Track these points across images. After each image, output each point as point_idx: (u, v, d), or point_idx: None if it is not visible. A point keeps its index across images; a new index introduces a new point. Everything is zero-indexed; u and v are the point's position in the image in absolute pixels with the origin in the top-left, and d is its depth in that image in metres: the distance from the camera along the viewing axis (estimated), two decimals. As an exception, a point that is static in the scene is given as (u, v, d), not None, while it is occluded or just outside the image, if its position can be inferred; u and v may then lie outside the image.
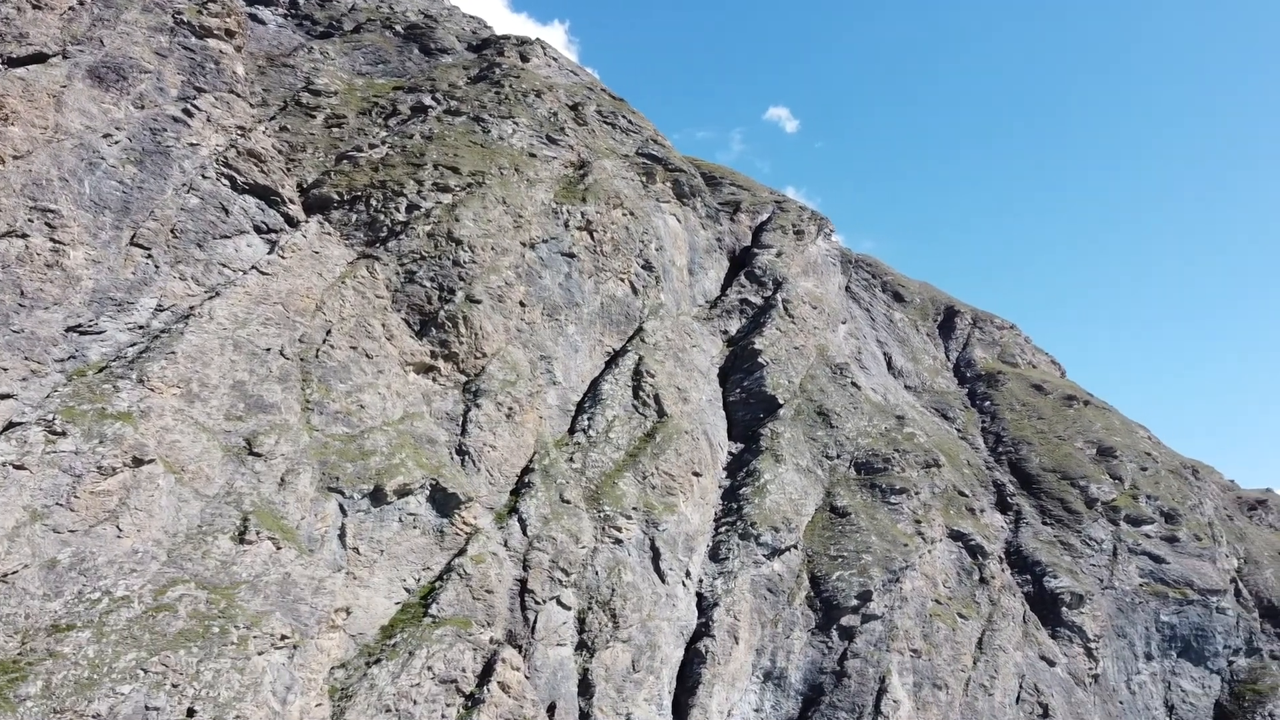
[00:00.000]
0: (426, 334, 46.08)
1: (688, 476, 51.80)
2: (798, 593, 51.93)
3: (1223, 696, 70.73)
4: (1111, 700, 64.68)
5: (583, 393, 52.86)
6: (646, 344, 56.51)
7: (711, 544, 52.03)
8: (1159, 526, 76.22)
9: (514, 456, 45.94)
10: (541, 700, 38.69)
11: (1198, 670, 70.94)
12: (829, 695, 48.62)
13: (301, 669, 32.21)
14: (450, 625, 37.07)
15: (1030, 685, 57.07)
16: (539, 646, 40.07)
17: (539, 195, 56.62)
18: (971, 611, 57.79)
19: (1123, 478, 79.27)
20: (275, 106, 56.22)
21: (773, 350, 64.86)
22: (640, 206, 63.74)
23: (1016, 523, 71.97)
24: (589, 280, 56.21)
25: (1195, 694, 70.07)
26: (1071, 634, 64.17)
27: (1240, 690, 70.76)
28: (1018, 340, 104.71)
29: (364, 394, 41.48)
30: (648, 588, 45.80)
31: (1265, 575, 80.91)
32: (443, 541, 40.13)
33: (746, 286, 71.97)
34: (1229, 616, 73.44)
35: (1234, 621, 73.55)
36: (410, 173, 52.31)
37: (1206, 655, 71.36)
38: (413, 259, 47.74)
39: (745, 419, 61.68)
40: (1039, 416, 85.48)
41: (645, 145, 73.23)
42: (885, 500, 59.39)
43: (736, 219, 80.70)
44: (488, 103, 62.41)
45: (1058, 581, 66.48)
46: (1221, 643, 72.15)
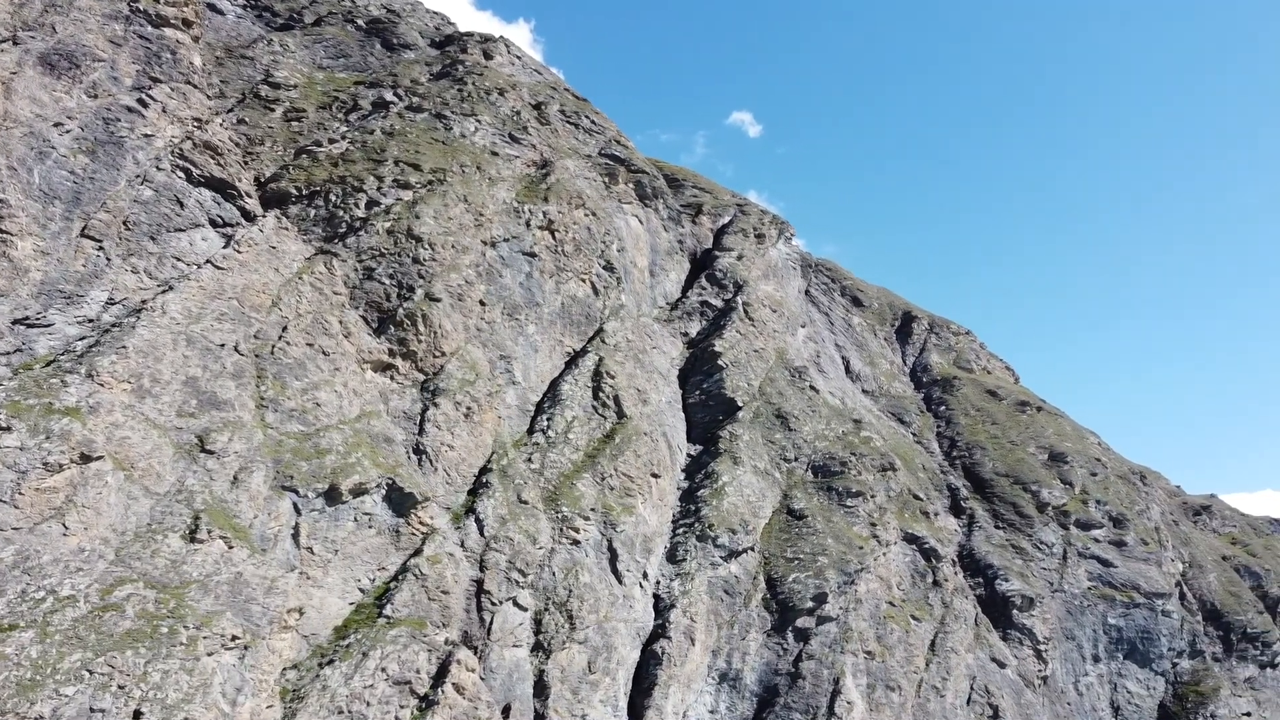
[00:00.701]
0: (385, 332, 45.64)
1: (646, 478, 51.84)
2: (754, 594, 52.18)
3: (1167, 698, 72.22)
4: (1060, 701, 65.78)
5: (542, 393, 52.69)
6: (607, 345, 56.47)
7: (669, 545, 52.12)
8: (1107, 531, 77.67)
9: (472, 456, 45.66)
10: (496, 702, 38.47)
11: (1143, 672, 72.37)
12: (784, 696, 48.90)
13: (252, 670, 31.72)
14: (405, 626, 36.74)
15: (981, 686, 57.86)
16: (495, 648, 39.85)
17: (500, 194, 56.35)
18: (925, 614, 58.46)
19: (1073, 483, 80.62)
20: (233, 98, 55.38)
21: (732, 353, 65.13)
22: (602, 207, 63.70)
23: (970, 526, 72.92)
24: (550, 280, 56.05)
25: (1140, 695, 71.48)
26: (1022, 636, 65.16)
27: (1184, 692, 72.30)
28: (973, 346, 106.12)
29: (320, 391, 40.98)
30: (605, 589, 45.75)
31: (1209, 579, 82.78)
32: (398, 541, 39.77)
33: (707, 289, 72.20)
34: (1173, 619, 75.02)
35: (1178, 624, 75.15)
36: (370, 169, 51.79)
37: (1152, 657, 72.82)
38: (372, 256, 47.27)
39: (704, 421, 61.87)
40: (992, 422, 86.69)
41: (608, 146, 73.19)
42: (841, 503, 59.89)
43: (698, 221, 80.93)
44: (450, 100, 61.98)
45: (1009, 584, 67.46)
46: (1166, 645, 73.68)
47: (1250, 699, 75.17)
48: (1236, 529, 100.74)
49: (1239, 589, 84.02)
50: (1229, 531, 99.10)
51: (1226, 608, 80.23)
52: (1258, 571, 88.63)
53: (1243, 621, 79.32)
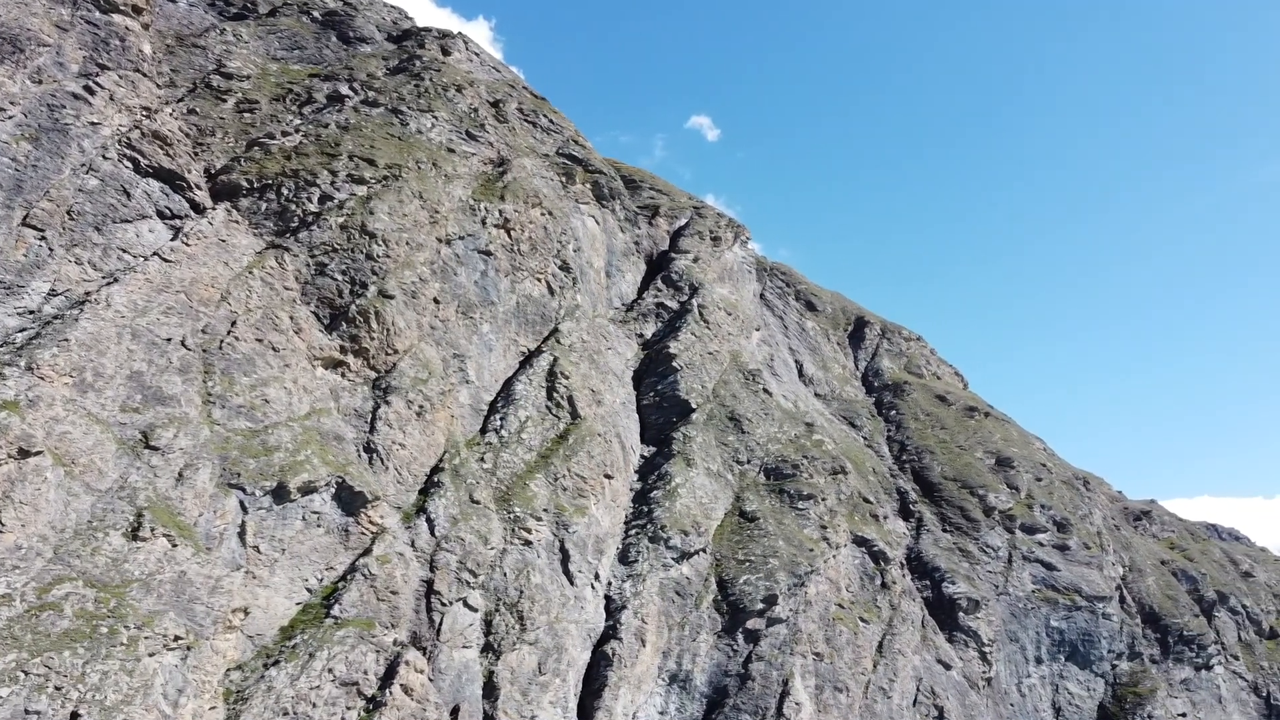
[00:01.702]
0: (336, 328, 45.06)
1: (599, 479, 51.78)
2: (705, 596, 52.36)
3: (1106, 699, 73.82)
4: (1003, 702, 66.90)
5: (496, 392, 52.39)
6: (562, 345, 56.32)
7: (621, 546, 52.10)
8: (1052, 535, 79.17)
9: (423, 455, 45.25)
10: (445, 703, 38.16)
11: (1084, 673, 73.88)
12: (733, 697, 49.12)
13: (195, 671, 31.13)
14: (353, 626, 36.30)
15: (927, 688, 58.65)
16: (444, 648, 39.52)
17: (456, 191, 55.94)
18: (873, 616, 59.10)
19: (1019, 487, 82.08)
20: (184, 88, 54.32)
21: (687, 355, 65.31)
22: (559, 207, 63.52)
23: (918, 529, 73.89)
24: (505, 279, 55.77)
25: (1081, 696, 72.96)
26: (967, 638, 66.16)
27: (1122, 693, 73.95)
28: (924, 351, 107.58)
29: (269, 388, 40.33)
30: (556, 590, 45.61)
31: (1148, 583, 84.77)
32: (347, 541, 39.27)
33: (663, 291, 72.34)
34: (1114, 622, 76.70)
35: (1118, 627, 76.85)
36: (324, 162, 51.11)
37: (1092, 659, 74.37)
38: (324, 251, 46.64)
39: (658, 422, 61.97)
40: (942, 426, 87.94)
41: (566, 145, 73.03)
42: (793, 506, 60.33)
43: (655, 223, 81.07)
44: (406, 95, 61.40)
45: (955, 587, 68.47)
46: (1106, 647, 75.31)
47: (1185, 700, 77.12)
48: (1175, 534, 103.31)
49: (1176, 593, 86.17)
50: (1167, 536, 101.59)
51: (1164, 611, 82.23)
52: (1194, 576, 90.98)
53: (1180, 624, 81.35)
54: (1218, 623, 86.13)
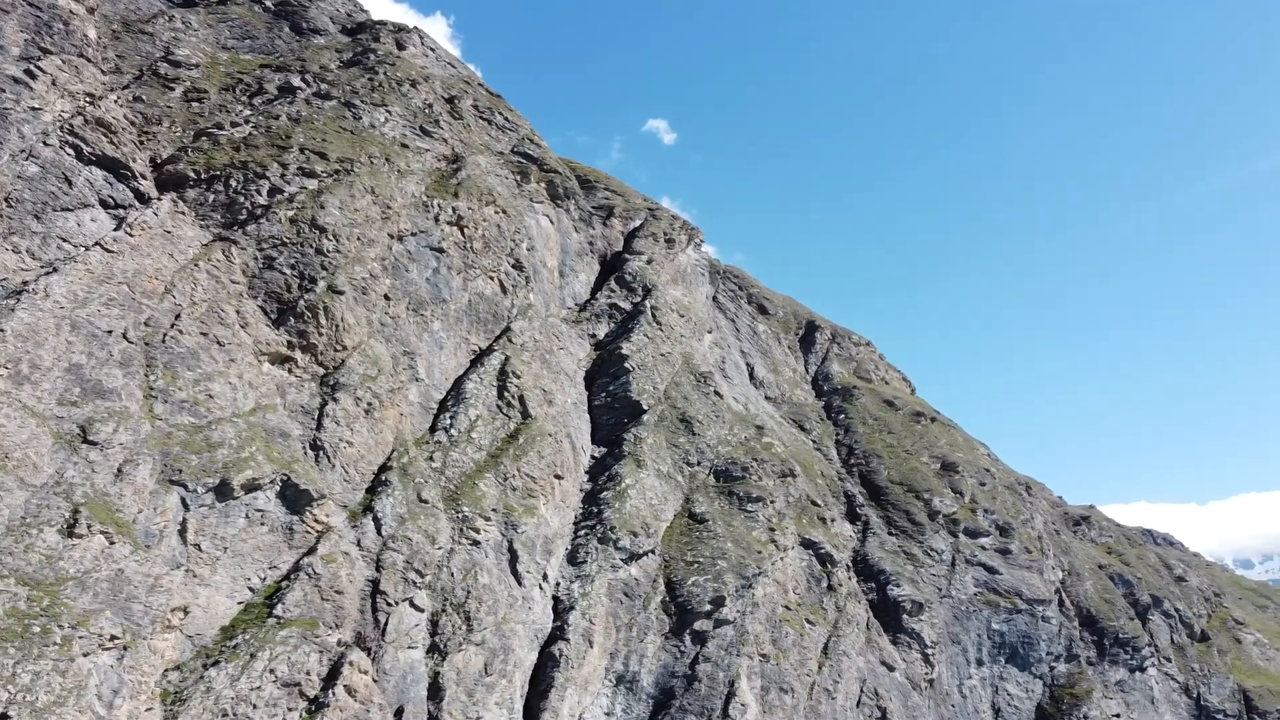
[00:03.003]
0: (284, 323, 44.36)
1: (549, 479, 51.61)
2: (653, 597, 52.44)
3: (1044, 699, 75.30)
4: (945, 703, 67.93)
5: (446, 391, 51.97)
6: (514, 344, 56.04)
7: (570, 547, 51.98)
8: (994, 539, 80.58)
9: (371, 454, 44.73)
10: (390, 704, 37.76)
11: (1023, 675, 75.29)
12: (679, 699, 49.26)
13: (132, 671, 30.43)
14: (296, 626, 35.76)
15: (871, 689, 59.34)
16: (389, 649, 39.10)
17: (409, 187, 55.42)
18: (819, 617, 59.65)
19: (963, 492, 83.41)
20: (130, 75, 53.10)
21: (639, 356, 65.37)
22: (513, 205, 63.22)
23: (864, 532, 74.74)
24: (457, 277, 55.36)
25: (1020, 697, 74.34)
26: (911, 640, 67.08)
27: (1059, 694, 75.49)
28: (873, 357, 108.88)
29: (213, 383, 39.59)
30: (504, 590, 45.36)
31: (1086, 586, 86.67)
32: (292, 539, 38.68)
33: (616, 291, 72.32)
34: (1052, 625, 78.27)
35: (1056, 629, 78.43)
36: (274, 155, 50.30)
37: (1031, 661, 75.82)
38: (273, 245, 45.91)
39: (609, 423, 61.94)
40: (889, 431, 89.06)
41: (521, 144, 72.71)
42: (742, 508, 60.67)
43: (609, 224, 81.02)
44: (360, 88, 60.68)
45: (900, 590, 69.38)
46: (1045, 649, 76.83)
47: (1120, 701, 78.98)
48: (1112, 539, 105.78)
49: (1113, 596, 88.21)
50: (1105, 541, 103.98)
51: (1101, 614, 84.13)
52: (1130, 580, 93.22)
53: (1115, 627, 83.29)
54: (1152, 625, 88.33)
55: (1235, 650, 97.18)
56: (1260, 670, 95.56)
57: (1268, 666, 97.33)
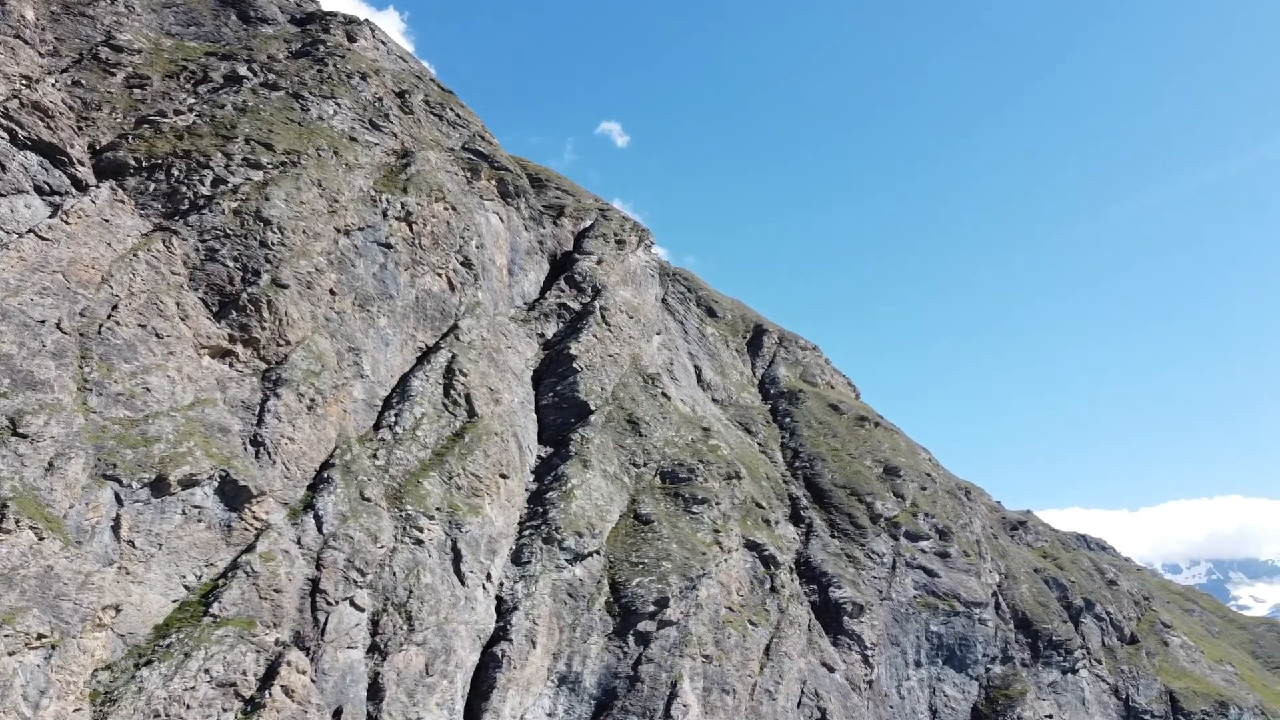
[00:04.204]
0: (226, 316, 43.52)
1: (495, 478, 51.31)
2: (597, 598, 52.40)
3: (979, 700, 76.72)
4: (883, 704, 68.86)
5: (391, 388, 51.40)
6: (461, 342, 55.62)
7: (515, 547, 51.72)
8: (934, 543, 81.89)
9: (314, 450, 44.06)
10: (328, 704, 37.24)
11: (959, 676, 76.62)
12: (622, 699, 49.29)
13: (60, 671, 29.62)
14: (232, 625, 35.09)
15: (811, 690, 59.93)
16: (328, 649, 38.55)
17: (358, 181, 54.72)
18: (761, 619, 60.10)
19: (905, 496, 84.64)
20: (69, 59, 51.70)
21: (588, 356, 65.29)
22: (463, 202, 62.75)
23: (807, 535, 75.47)
24: (405, 273, 54.79)
25: (956, 698, 75.63)
26: (851, 642, 67.88)
27: (994, 695, 76.97)
28: (819, 361, 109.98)
29: (150, 376, 38.69)
30: (447, 590, 44.99)
31: (1021, 590, 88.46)
32: (230, 537, 37.94)
33: (566, 291, 72.15)
34: (989, 627, 79.76)
35: (993, 632, 79.96)
36: (219, 145, 49.33)
37: (968, 663, 77.20)
38: (215, 236, 45.01)
39: (556, 423, 61.77)
40: (834, 435, 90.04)
41: (472, 141, 72.21)
42: (687, 509, 60.90)
43: (560, 223, 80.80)
44: (309, 80, 59.78)
45: (841, 592, 70.17)
46: (981, 651, 78.27)
47: (1053, 702, 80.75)
48: (1048, 543, 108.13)
49: (1047, 600, 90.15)
50: (1041, 546, 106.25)
51: (1036, 617, 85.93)
52: (1064, 584, 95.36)
53: (1049, 630, 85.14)
54: (1084, 628, 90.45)
55: (1163, 653, 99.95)
56: (1186, 672, 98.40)
57: (1193, 669, 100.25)
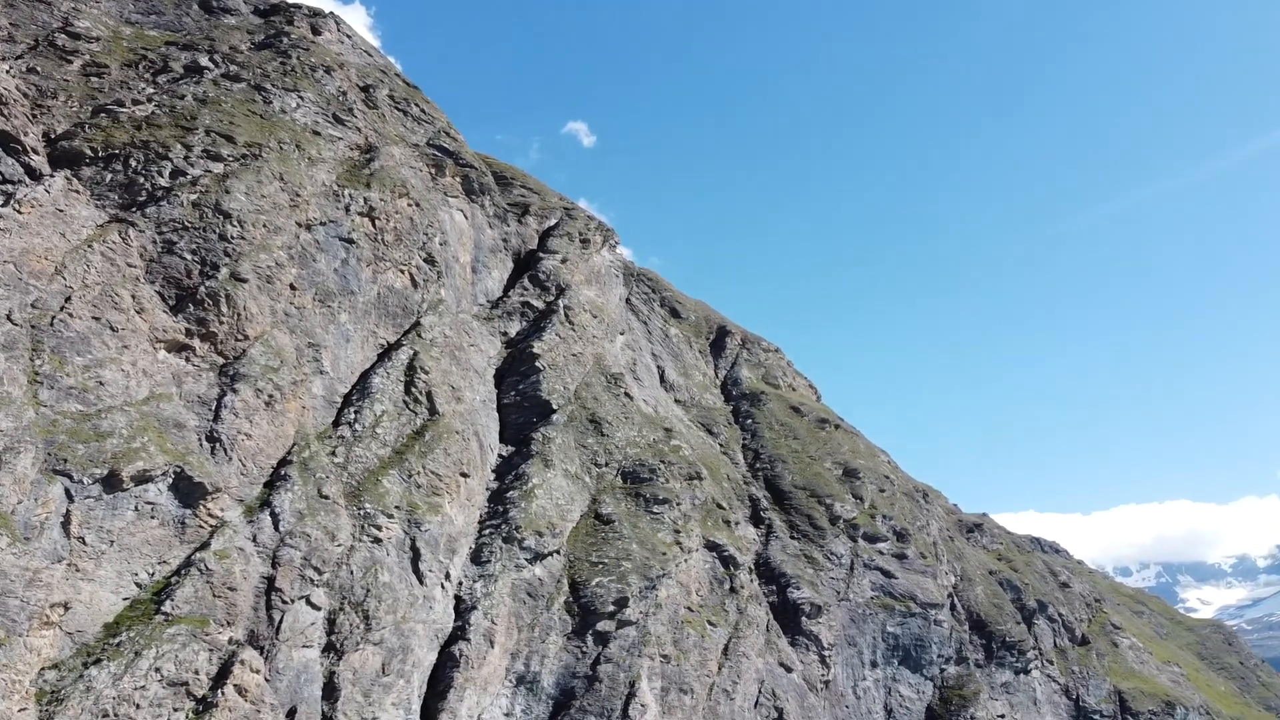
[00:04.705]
0: (183, 310, 42.90)
1: (455, 477, 51.07)
2: (557, 598, 52.35)
3: (933, 701, 77.68)
4: (839, 704, 69.47)
5: (352, 385, 50.96)
6: (423, 339, 55.28)
7: (474, 546, 51.52)
8: (891, 544, 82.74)
9: (271, 447, 43.58)
10: (282, 704, 36.86)
11: (915, 677, 77.50)
12: (580, 699, 49.29)
13: (5, 670, 29.06)
14: (185, 624, 34.63)
15: (768, 690, 60.32)
16: (283, 648, 38.16)
17: (320, 175, 54.20)
18: (720, 619, 60.38)
19: (863, 498, 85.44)
20: (24, 45, 50.69)
21: (551, 355, 65.17)
22: (427, 198, 62.37)
23: (767, 536, 75.93)
24: (367, 269, 54.35)
25: (911, 698, 76.51)
26: (809, 642, 68.40)
27: (949, 695, 77.97)
28: (781, 363, 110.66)
29: (104, 369, 38.06)
30: (405, 589, 44.71)
31: (976, 592, 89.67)
32: (184, 534, 37.43)
33: (529, 290, 71.96)
34: (944, 628, 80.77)
35: (948, 633, 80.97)
36: (179, 136, 48.63)
37: (923, 663, 78.11)
38: (173, 228, 44.37)
39: (518, 422, 61.59)
40: (795, 437, 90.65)
41: (437, 137, 71.79)
42: (648, 510, 61.02)
43: (524, 221, 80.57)
44: (272, 72, 59.09)
45: (800, 593, 70.69)
46: (936, 652, 79.24)
47: (1005, 702, 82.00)
48: (1003, 546, 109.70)
49: (1002, 601, 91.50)
50: (996, 548, 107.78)
51: (990, 618, 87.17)
52: (1018, 586, 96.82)
53: (1003, 631, 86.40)
54: (1037, 630, 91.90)
55: (1112, 654, 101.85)
56: (1134, 673, 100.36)
57: (1141, 669, 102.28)
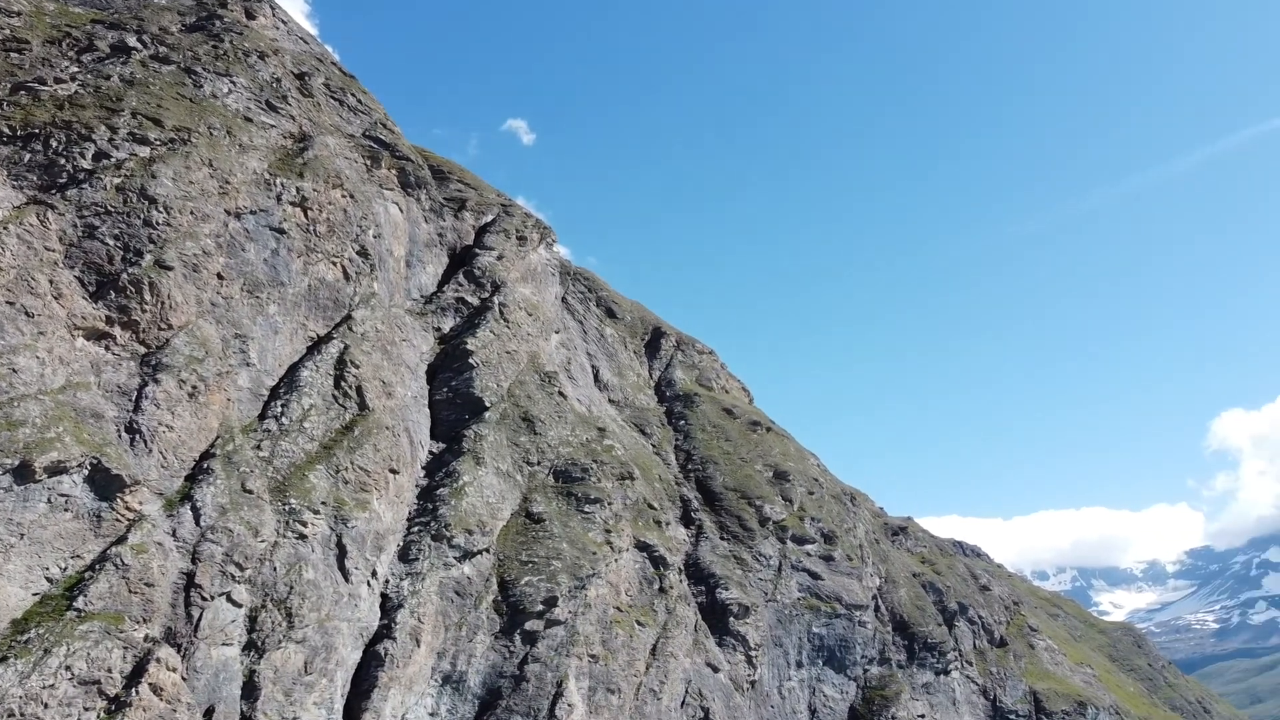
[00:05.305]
0: (104, 297, 41.59)
1: (384, 473, 50.38)
2: (485, 596, 51.98)
3: (856, 701, 78.97)
4: (765, 704, 70.21)
5: (279, 378, 49.92)
6: (354, 333, 54.42)
7: (402, 544, 50.86)
8: (819, 546, 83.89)
9: (194, 440, 42.49)
10: (199, 703, 35.95)
11: (839, 677, 78.69)
12: (507, 699, 49.02)
13: (-96, 667, 27.85)
14: (99, 620, 33.56)
15: (695, 690, 60.70)
16: (202, 646, 37.23)
17: (251, 163, 53.00)
18: (649, 619, 60.57)
19: (793, 500, 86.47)
20: (-62, 15, 48.66)
21: (485, 353, 64.67)
22: (362, 190, 61.41)
23: (697, 536, 76.38)
24: (298, 260, 53.31)
25: (835, 698, 77.67)
26: (736, 642, 68.97)
27: (871, 695, 79.34)
28: (715, 365, 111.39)
29: (18, 356, 36.71)
30: (329, 586, 43.96)
31: (900, 594, 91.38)
32: (100, 527, 36.27)
33: (464, 286, 71.32)
34: (868, 629, 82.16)
35: (871, 634, 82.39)
36: (103, 117, 47.14)
37: (847, 664, 79.36)
38: (95, 212, 42.99)
39: (450, 419, 60.99)
40: (726, 439, 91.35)
41: (373, 128, 70.75)
42: (580, 509, 60.93)
43: (461, 217, 79.81)
44: (203, 56, 57.62)
45: (728, 593, 71.25)
46: (860, 653, 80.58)
47: (926, 702, 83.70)
48: (927, 549, 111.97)
49: (924, 603, 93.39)
50: (920, 551, 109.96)
51: (913, 620, 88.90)
52: (940, 588, 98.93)
53: (925, 633, 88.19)
54: (957, 631, 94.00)
55: (1029, 655, 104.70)
56: (1049, 674, 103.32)
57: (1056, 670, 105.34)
